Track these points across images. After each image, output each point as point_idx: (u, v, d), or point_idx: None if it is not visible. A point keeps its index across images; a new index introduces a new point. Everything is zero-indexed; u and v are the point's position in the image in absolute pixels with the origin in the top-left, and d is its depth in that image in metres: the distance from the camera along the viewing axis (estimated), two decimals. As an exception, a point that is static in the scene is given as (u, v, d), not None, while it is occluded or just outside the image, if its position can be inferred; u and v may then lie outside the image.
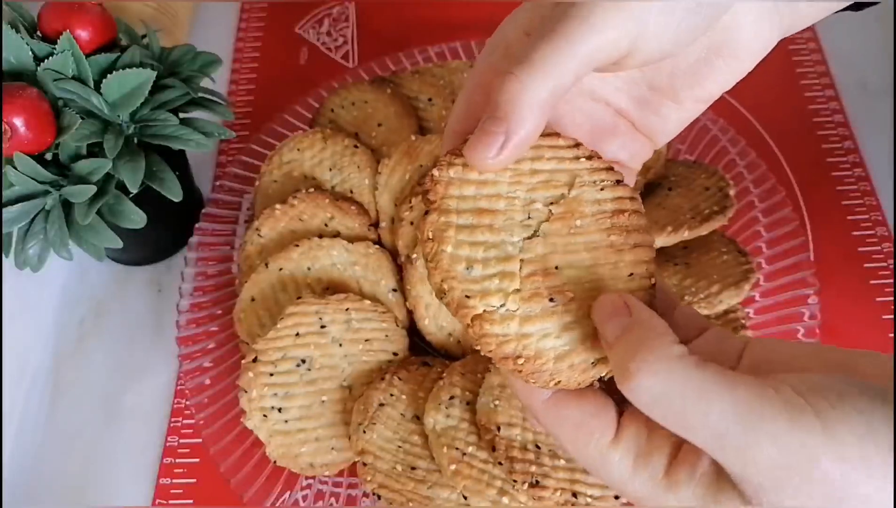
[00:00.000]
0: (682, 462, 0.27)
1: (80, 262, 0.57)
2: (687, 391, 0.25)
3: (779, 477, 0.25)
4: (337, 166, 0.58)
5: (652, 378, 0.26)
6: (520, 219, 0.30)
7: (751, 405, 0.25)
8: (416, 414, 0.48)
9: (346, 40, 0.75)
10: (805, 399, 0.24)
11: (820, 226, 0.59)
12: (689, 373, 0.26)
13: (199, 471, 0.51)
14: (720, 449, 0.25)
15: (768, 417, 0.24)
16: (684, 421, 0.25)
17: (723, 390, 0.25)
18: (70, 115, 0.48)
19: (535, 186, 0.30)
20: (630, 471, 0.28)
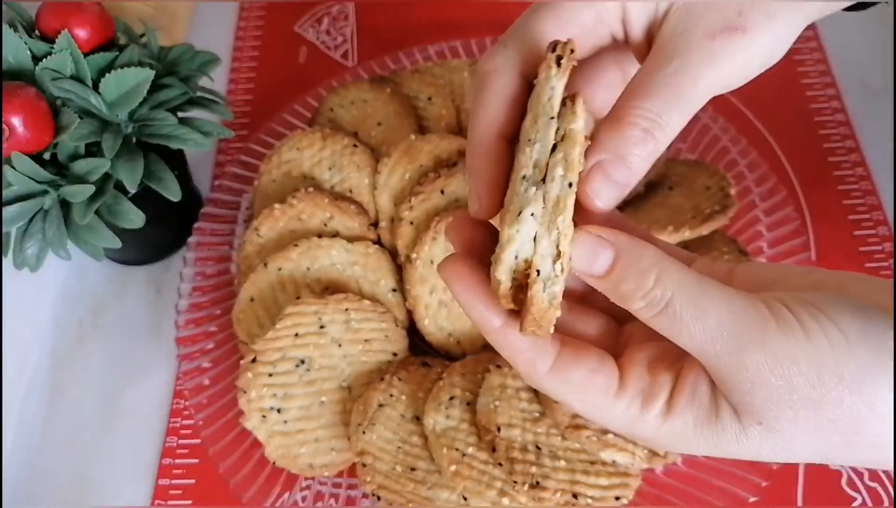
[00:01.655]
0: (681, 391, 0.29)
1: (78, 262, 0.57)
2: (688, 296, 0.27)
3: (765, 384, 0.26)
4: (336, 166, 0.58)
5: (657, 289, 0.27)
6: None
7: (745, 312, 0.27)
8: (416, 415, 0.48)
9: (345, 39, 0.75)
10: (792, 312, 0.27)
11: (821, 226, 0.59)
12: (689, 280, 0.27)
13: (198, 472, 0.51)
14: (714, 356, 0.27)
15: (758, 325, 0.26)
16: (683, 327, 0.27)
17: (720, 298, 0.27)
18: (68, 114, 0.48)
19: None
20: (637, 414, 0.29)
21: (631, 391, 0.29)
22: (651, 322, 0.28)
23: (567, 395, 0.30)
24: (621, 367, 0.30)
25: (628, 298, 0.28)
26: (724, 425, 0.28)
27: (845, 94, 0.67)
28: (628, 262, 0.28)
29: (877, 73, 0.68)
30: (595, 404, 0.30)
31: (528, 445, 0.45)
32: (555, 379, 0.30)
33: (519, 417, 0.46)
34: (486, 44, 0.66)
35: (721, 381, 0.27)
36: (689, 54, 0.30)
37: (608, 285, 0.28)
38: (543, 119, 0.28)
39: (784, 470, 0.48)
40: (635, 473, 0.45)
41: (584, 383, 0.29)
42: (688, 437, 0.29)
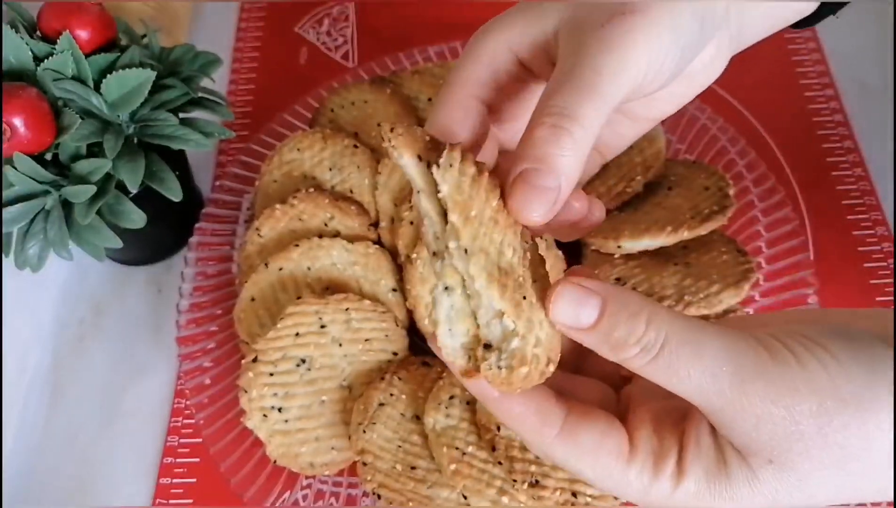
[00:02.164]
0: (687, 447, 0.28)
1: (79, 262, 0.57)
2: (682, 336, 0.26)
3: (769, 418, 0.26)
4: (337, 166, 0.58)
5: (651, 331, 0.26)
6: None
7: (740, 346, 0.26)
8: (416, 414, 0.48)
9: (345, 40, 0.75)
10: (782, 344, 0.26)
11: (819, 225, 0.59)
12: (680, 320, 0.27)
13: (200, 471, 0.51)
14: (714, 394, 0.26)
15: (754, 358, 0.26)
16: (681, 367, 0.26)
17: (714, 335, 0.26)
18: (70, 115, 0.48)
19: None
20: (651, 478, 0.28)
21: (642, 453, 0.28)
22: (646, 369, 0.27)
23: (578, 461, 0.29)
24: (628, 430, 0.29)
25: (621, 345, 0.26)
26: (735, 474, 0.27)
27: (844, 94, 0.67)
28: (617, 308, 0.27)
29: (875, 72, 0.68)
30: (607, 468, 0.28)
31: (527, 444, 0.45)
32: (565, 444, 0.28)
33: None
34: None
35: (723, 423, 0.26)
36: (583, 47, 0.29)
37: (598, 337, 0.27)
38: (419, 187, 0.27)
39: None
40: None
41: (595, 446, 0.28)
42: (702, 497, 0.27)
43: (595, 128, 0.28)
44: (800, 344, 0.26)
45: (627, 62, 0.29)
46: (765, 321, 0.30)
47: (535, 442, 0.29)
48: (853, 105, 0.66)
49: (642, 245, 0.53)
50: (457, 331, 0.26)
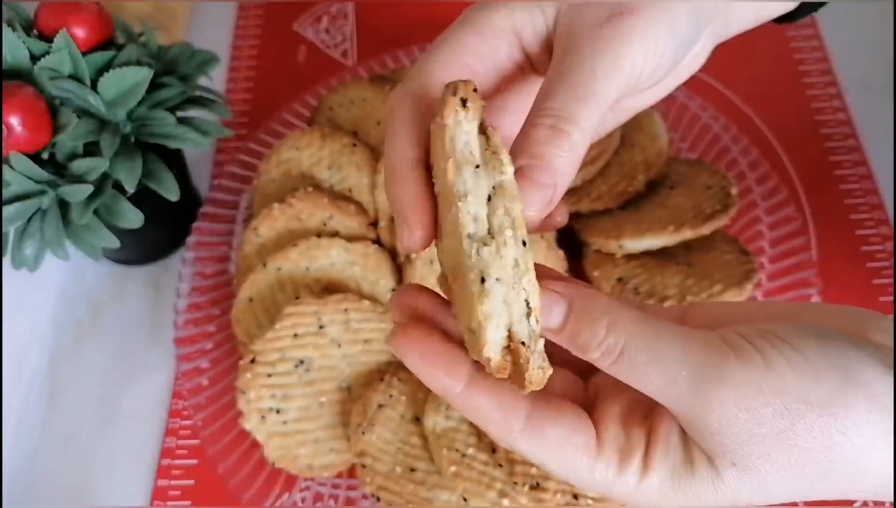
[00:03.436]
0: (655, 444, 0.28)
1: (76, 262, 0.56)
2: (641, 340, 0.26)
3: (732, 421, 0.25)
4: (335, 165, 0.58)
5: (610, 337, 0.26)
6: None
7: (701, 349, 0.26)
8: (416, 415, 0.48)
9: (344, 38, 0.74)
10: (750, 343, 0.26)
11: (822, 225, 0.59)
12: (641, 325, 0.27)
13: (198, 473, 0.51)
14: (676, 398, 0.26)
15: (716, 360, 0.26)
16: (640, 372, 0.26)
17: (673, 338, 0.26)
18: (66, 113, 0.48)
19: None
20: (616, 475, 0.28)
21: (608, 449, 0.28)
22: (611, 371, 0.27)
23: (543, 455, 0.28)
24: (595, 424, 0.29)
25: (585, 349, 0.27)
26: (700, 474, 0.27)
27: (847, 93, 0.67)
28: (581, 313, 0.27)
29: (878, 71, 0.68)
30: (573, 464, 0.28)
31: (528, 446, 0.45)
32: (531, 438, 0.28)
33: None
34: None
35: (689, 425, 0.27)
36: (579, 47, 0.29)
37: (566, 338, 0.27)
38: (468, 169, 0.26)
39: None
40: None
41: (562, 442, 0.28)
42: (666, 493, 0.28)
43: (591, 130, 0.28)
44: (769, 343, 0.26)
45: (623, 64, 0.29)
46: (737, 310, 0.30)
47: (499, 437, 0.29)
48: (856, 104, 0.66)
49: (644, 245, 0.53)
50: (501, 326, 0.26)
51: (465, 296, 0.26)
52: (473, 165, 0.26)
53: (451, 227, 0.27)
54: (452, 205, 0.26)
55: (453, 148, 0.26)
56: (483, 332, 0.25)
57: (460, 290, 0.27)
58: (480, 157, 0.26)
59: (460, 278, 0.26)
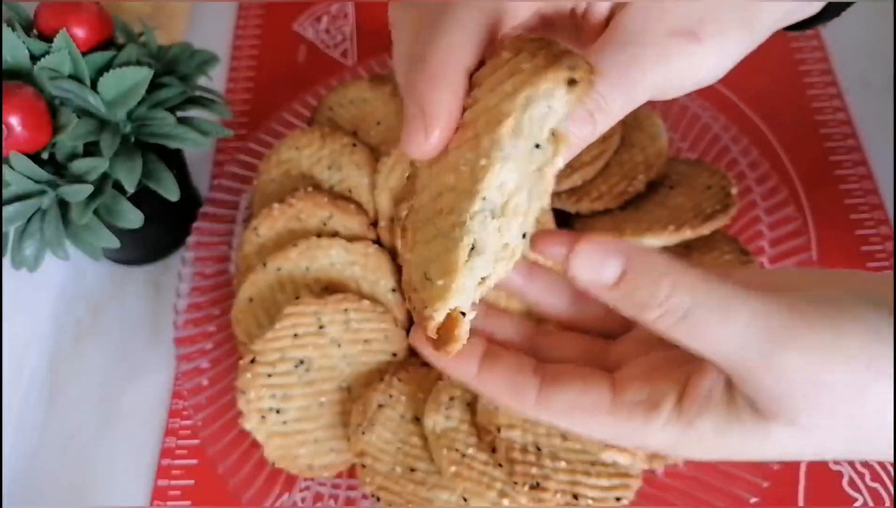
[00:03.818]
0: (692, 397, 0.28)
1: (76, 262, 0.56)
2: (710, 302, 0.26)
3: (800, 384, 0.25)
4: (335, 165, 0.58)
5: (675, 297, 0.26)
6: None
7: (772, 313, 0.26)
8: (416, 415, 0.48)
9: (344, 38, 0.74)
10: (817, 309, 0.26)
11: (822, 225, 0.59)
12: (708, 285, 0.26)
13: (197, 473, 0.51)
14: (742, 360, 0.26)
15: (788, 324, 0.25)
16: (707, 333, 0.26)
17: (744, 300, 0.26)
18: (66, 113, 0.48)
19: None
20: (642, 424, 0.28)
21: (628, 402, 0.29)
22: (668, 332, 0.26)
23: (561, 420, 0.30)
24: (614, 383, 0.29)
25: (643, 307, 0.26)
26: (748, 429, 0.27)
27: (847, 93, 0.67)
28: (640, 270, 0.26)
29: (879, 71, 0.68)
30: (590, 424, 0.29)
31: (528, 446, 0.45)
32: (545, 411, 0.29)
33: (519, 417, 0.46)
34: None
35: (749, 384, 0.26)
36: (646, 47, 0.29)
37: (619, 296, 0.27)
38: (526, 143, 0.24)
39: (785, 471, 0.47)
40: (636, 474, 0.45)
41: (572, 406, 0.29)
42: (706, 444, 0.28)
43: (615, 122, 0.29)
44: (835, 308, 0.26)
45: (668, 82, 0.29)
46: (784, 278, 0.30)
47: (516, 411, 0.31)
48: (856, 104, 0.66)
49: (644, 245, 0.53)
50: (466, 296, 0.26)
51: (438, 248, 0.25)
52: (533, 142, 0.24)
53: (453, 167, 0.25)
54: (473, 150, 0.24)
55: (525, 109, 0.24)
56: (448, 296, 0.25)
57: (431, 238, 0.26)
58: (545, 138, 0.24)
59: (441, 227, 0.25)
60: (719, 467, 0.46)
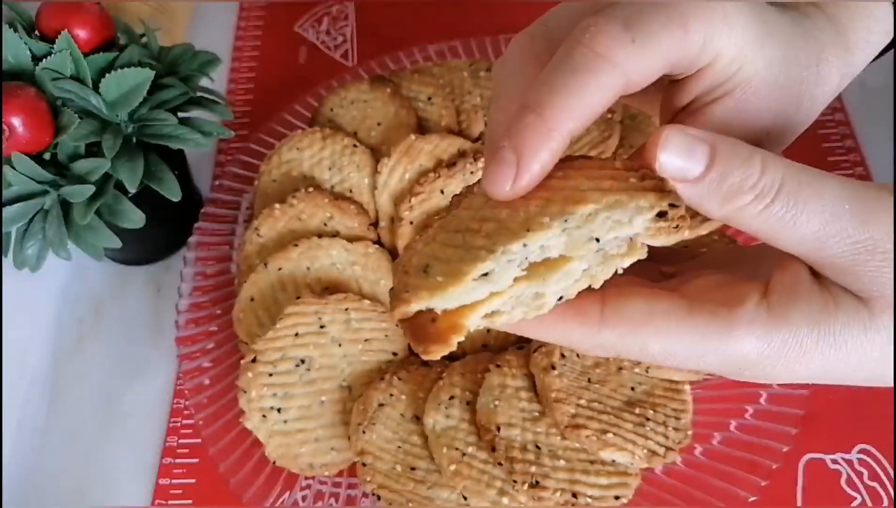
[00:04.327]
0: (778, 290, 0.26)
1: (78, 262, 0.57)
2: (799, 177, 0.25)
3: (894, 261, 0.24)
4: (336, 166, 0.58)
5: (767, 175, 0.25)
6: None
7: (857, 185, 0.25)
8: (416, 414, 0.48)
9: (345, 39, 0.75)
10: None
11: (820, 225, 0.59)
12: (792, 163, 0.25)
13: (199, 471, 0.51)
14: (836, 235, 0.24)
15: (876, 194, 0.25)
16: (801, 210, 0.24)
17: (830, 177, 0.25)
18: (68, 114, 0.48)
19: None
20: (726, 326, 0.26)
21: (707, 305, 0.26)
22: (760, 218, 0.25)
23: (634, 337, 0.26)
24: (685, 294, 0.27)
25: (735, 192, 0.25)
26: (849, 315, 0.25)
27: (844, 93, 0.67)
28: (729, 153, 0.25)
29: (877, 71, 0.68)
30: (670, 331, 0.26)
31: (527, 444, 0.45)
32: (613, 327, 0.26)
33: (518, 416, 0.46)
34: (486, 44, 0.66)
35: (843, 268, 0.25)
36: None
37: (708, 186, 0.25)
38: (589, 232, 0.25)
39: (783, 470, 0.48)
40: (635, 472, 0.45)
41: (645, 314, 0.26)
42: (802, 343, 0.25)
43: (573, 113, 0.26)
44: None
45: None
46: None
47: (583, 341, 0.27)
48: (854, 104, 0.66)
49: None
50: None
51: (453, 255, 0.26)
52: (594, 237, 0.25)
53: (511, 208, 0.26)
54: (539, 208, 0.25)
55: (609, 208, 0.25)
56: (436, 293, 0.25)
57: (452, 244, 0.26)
58: (611, 238, 0.25)
59: (468, 242, 0.26)
60: (718, 466, 0.46)
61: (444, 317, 0.25)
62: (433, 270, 0.25)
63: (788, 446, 0.46)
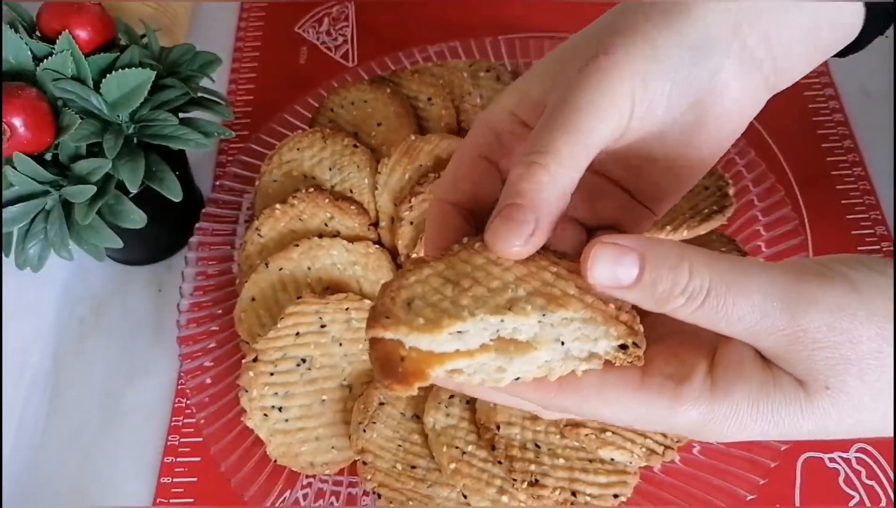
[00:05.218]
0: (724, 366, 0.27)
1: (80, 262, 0.57)
2: (727, 278, 0.26)
3: (826, 344, 0.25)
4: (336, 166, 0.58)
5: (695, 280, 0.26)
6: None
7: (788, 278, 0.26)
8: (416, 413, 0.48)
9: (345, 39, 0.75)
10: (830, 268, 0.26)
11: (819, 225, 0.59)
12: (721, 263, 0.26)
13: (200, 470, 0.52)
14: (767, 331, 0.26)
15: (805, 286, 0.25)
16: (730, 310, 0.26)
17: (758, 271, 0.26)
18: (69, 115, 0.48)
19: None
20: (671, 401, 0.27)
21: (657, 377, 0.27)
22: (693, 317, 0.26)
23: (587, 405, 0.28)
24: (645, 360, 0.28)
25: (665, 299, 0.26)
26: (786, 396, 0.26)
27: (843, 93, 0.67)
28: (657, 261, 0.26)
29: (876, 73, 0.68)
30: (619, 402, 0.28)
31: (527, 443, 0.45)
32: (567, 395, 0.28)
33: (518, 415, 0.46)
34: (486, 45, 0.67)
35: (777, 356, 0.26)
36: (562, 92, 0.29)
37: (641, 293, 0.26)
38: (558, 336, 0.27)
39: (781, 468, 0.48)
40: (634, 471, 0.46)
41: (598, 385, 0.28)
42: (741, 418, 0.27)
43: (575, 161, 0.28)
44: (853, 269, 0.26)
45: (604, 96, 0.29)
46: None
47: (539, 405, 0.29)
48: (853, 104, 0.66)
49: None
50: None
51: (439, 298, 0.27)
52: (561, 340, 0.27)
53: (510, 271, 0.28)
54: (531, 289, 0.27)
55: (581, 322, 0.27)
56: (409, 331, 0.26)
57: (441, 293, 0.27)
58: (576, 347, 0.27)
59: (461, 289, 0.27)
60: (717, 464, 0.47)
61: (412, 360, 0.27)
62: (416, 308, 0.27)
63: (787, 444, 0.47)
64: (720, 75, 0.31)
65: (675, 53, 0.30)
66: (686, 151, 0.32)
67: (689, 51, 0.30)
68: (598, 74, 0.29)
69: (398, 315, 0.27)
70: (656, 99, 0.30)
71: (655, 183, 0.33)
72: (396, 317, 0.26)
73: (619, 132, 0.29)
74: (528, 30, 0.69)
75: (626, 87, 0.29)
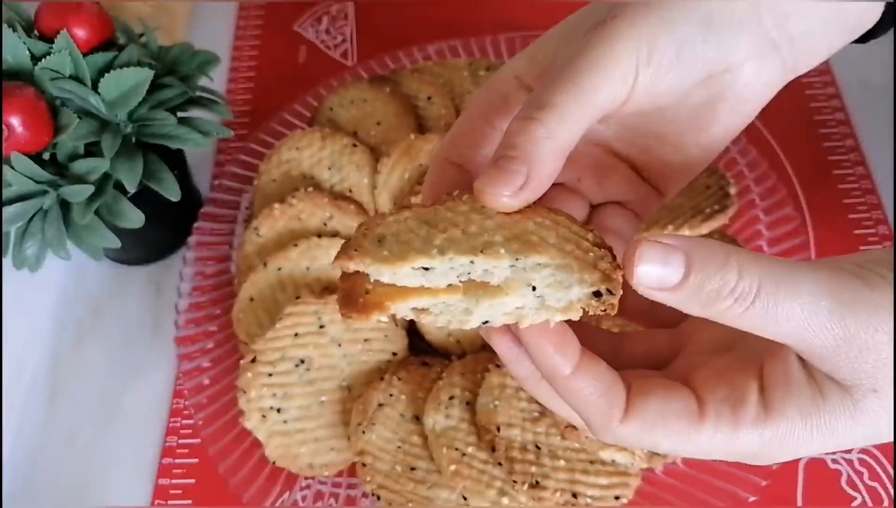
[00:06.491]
0: (773, 384, 0.27)
1: (78, 262, 0.57)
2: (775, 278, 0.25)
3: (873, 346, 0.25)
4: (336, 165, 0.58)
5: (744, 279, 0.25)
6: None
7: (833, 278, 0.25)
8: (416, 415, 0.48)
9: (344, 38, 0.74)
10: (870, 270, 0.26)
11: (821, 225, 0.59)
12: (767, 262, 0.26)
13: (198, 472, 0.51)
14: (814, 330, 0.25)
15: (849, 286, 0.25)
16: (779, 310, 0.25)
17: (804, 271, 0.26)
18: (67, 114, 0.48)
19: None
20: (731, 428, 0.27)
21: (713, 404, 0.27)
22: (742, 318, 0.26)
23: (649, 435, 0.28)
24: (693, 387, 0.28)
25: (714, 299, 0.25)
26: (834, 405, 0.26)
27: (845, 92, 0.67)
28: (704, 260, 0.25)
29: (877, 71, 0.68)
30: (681, 432, 0.27)
31: (527, 444, 0.45)
32: (632, 422, 0.28)
33: (518, 416, 0.46)
34: (486, 44, 0.66)
35: (824, 358, 0.26)
36: (568, 54, 0.29)
37: (687, 294, 0.26)
38: (531, 281, 0.27)
39: (784, 470, 0.48)
40: (635, 472, 0.45)
41: (660, 415, 0.27)
42: (797, 435, 0.27)
43: (573, 119, 0.28)
44: (886, 268, 0.26)
45: (607, 57, 0.28)
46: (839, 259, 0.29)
47: (599, 427, 0.28)
48: (855, 103, 0.66)
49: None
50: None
51: (412, 236, 0.27)
52: (532, 285, 0.27)
53: (487, 216, 0.27)
54: (508, 234, 0.27)
55: (556, 268, 0.26)
56: (379, 263, 0.26)
57: (414, 232, 0.27)
58: (547, 293, 0.27)
59: (433, 227, 0.27)
60: (718, 466, 0.46)
61: (376, 292, 0.27)
62: (386, 243, 0.27)
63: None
64: (733, 54, 0.30)
65: (684, 25, 0.29)
66: (696, 131, 0.32)
67: (700, 24, 0.30)
68: (603, 36, 0.29)
69: (366, 248, 0.27)
70: (663, 67, 0.29)
71: (665, 162, 0.33)
72: (364, 250, 0.27)
73: (622, 97, 0.29)
74: (528, 29, 0.68)
75: (630, 49, 0.28)
